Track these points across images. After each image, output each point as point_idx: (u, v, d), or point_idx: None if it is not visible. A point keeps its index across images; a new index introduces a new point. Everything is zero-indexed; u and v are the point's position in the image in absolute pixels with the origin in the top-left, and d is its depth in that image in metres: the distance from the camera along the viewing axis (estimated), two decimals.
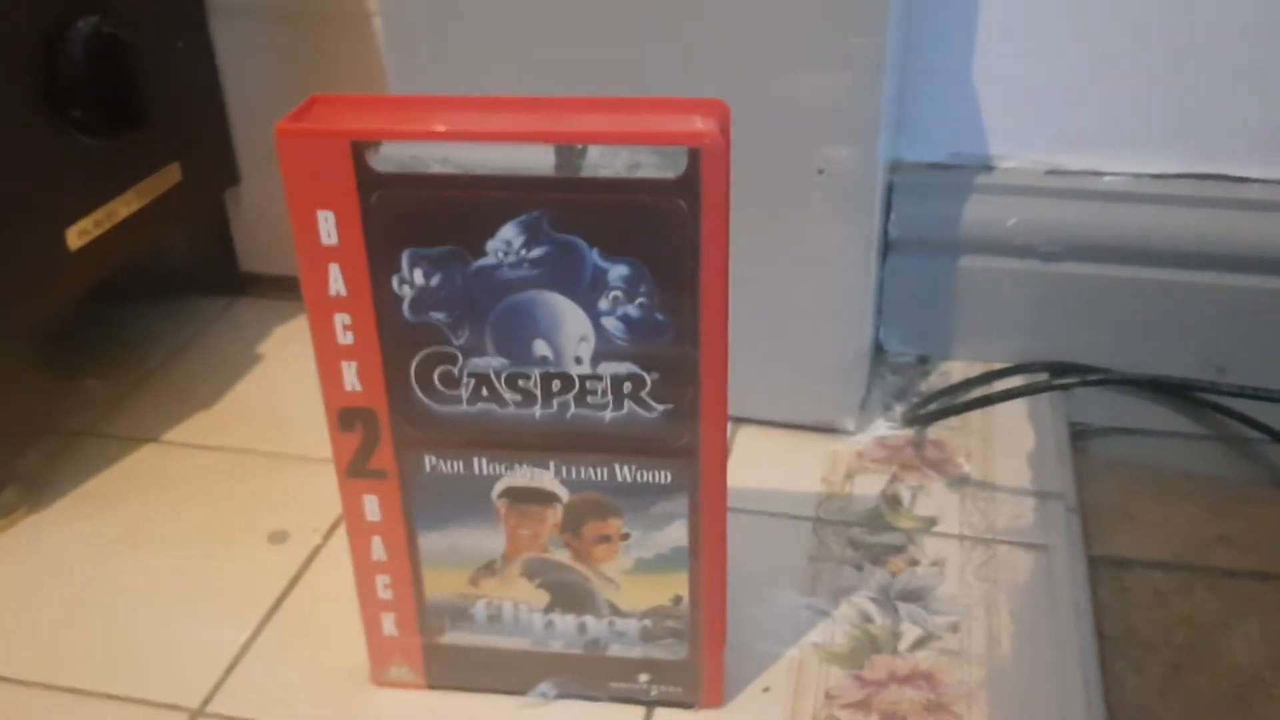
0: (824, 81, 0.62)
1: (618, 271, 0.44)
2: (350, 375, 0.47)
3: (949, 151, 0.78)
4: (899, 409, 0.74)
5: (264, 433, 0.74)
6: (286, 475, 0.70)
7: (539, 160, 0.42)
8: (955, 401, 0.74)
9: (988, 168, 0.77)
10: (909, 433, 0.72)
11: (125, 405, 0.78)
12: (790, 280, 0.68)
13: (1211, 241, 0.73)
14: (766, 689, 0.55)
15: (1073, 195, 0.75)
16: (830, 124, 0.63)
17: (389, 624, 0.53)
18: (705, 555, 0.50)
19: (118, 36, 0.69)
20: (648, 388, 0.46)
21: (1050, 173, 0.76)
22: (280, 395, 0.78)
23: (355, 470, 0.49)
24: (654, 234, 0.43)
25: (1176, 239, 0.74)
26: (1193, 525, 0.72)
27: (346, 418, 0.48)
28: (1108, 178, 0.75)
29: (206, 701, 0.55)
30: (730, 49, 0.62)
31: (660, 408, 0.47)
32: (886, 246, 0.77)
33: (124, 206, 0.74)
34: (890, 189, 0.76)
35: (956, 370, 0.79)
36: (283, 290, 0.90)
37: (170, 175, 0.78)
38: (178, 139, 0.79)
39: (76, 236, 0.70)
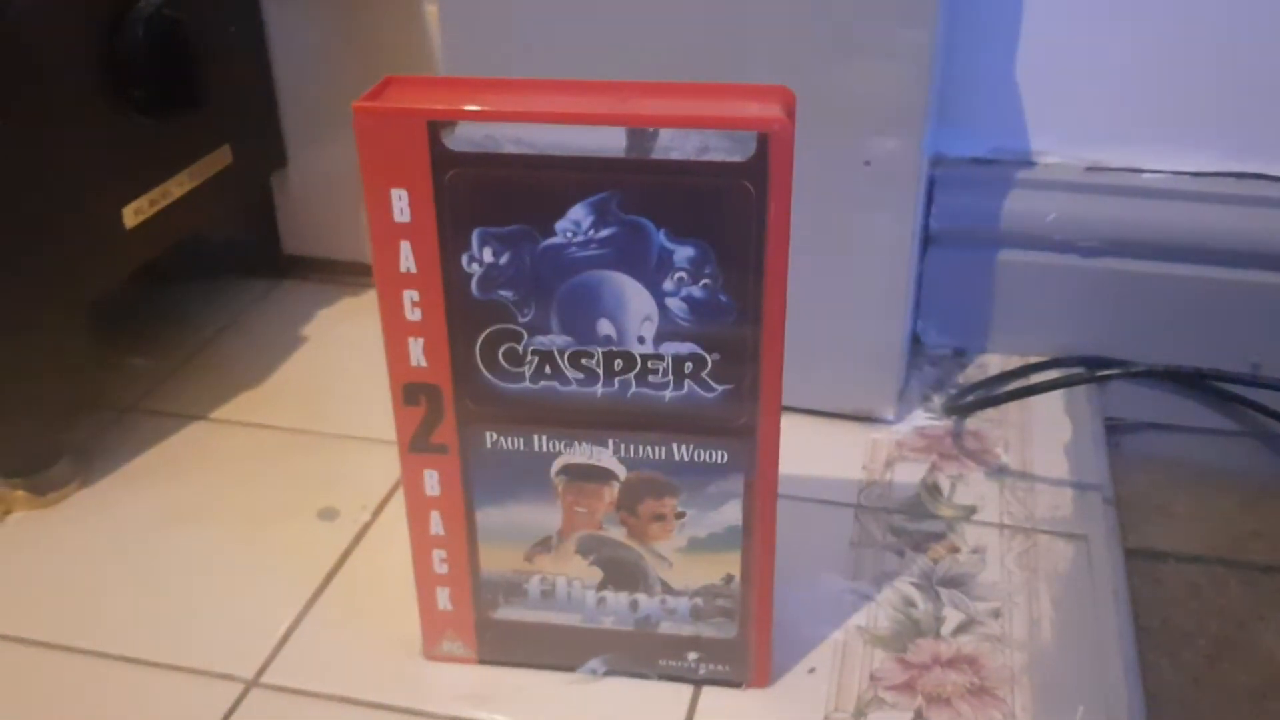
0: (874, 73, 0.62)
1: (684, 253, 0.45)
2: (416, 351, 0.48)
3: (990, 146, 0.78)
4: (937, 400, 0.75)
5: (309, 412, 0.75)
6: (333, 454, 0.71)
7: (610, 142, 0.43)
8: (993, 393, 0.75)
9: (1028, 163, 0.78)
10: (948, 423, 0.73)
11: (172, 383, 0.79)
12: (834, 270, 0.69)
13: (1249, 239, 0.74)
14: (812, 670, 0.55)
15: (1112, 191, 0.76)
16: (879, 116, 0.64)
17: (444, 598, 0.54)
18: (758, 535, 0.50)
19: (177, 19, 0.70)
20: (708, 368, 0.47)
21: (1090, 169, 0.77)
22: (324, 376, 0.79)
23: (417, 445, 0.50)
24: (721, 216, 0.44)
25: (1215, 236, 0.74)
26: (1226, 520, 0.73)
27: (411, 392, 0.49)
28: (1147, 174, 0.76)
29: (260, 672, 0.56)
30: (783, 40, 0.63)
31: (720, 388, 0.47)
32: (927, 239, 0.78)
33: (177, 187, 0.75)
34: (932, 182, 0.77)
35: (993, 363, 0.79)
36: (325, 273, 0.91)
37: (221, 157, 0.79)
38: (229, 121, 0.80)
39: (132, 215, 0.71)
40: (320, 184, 0.88)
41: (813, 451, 0.70)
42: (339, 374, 0.78)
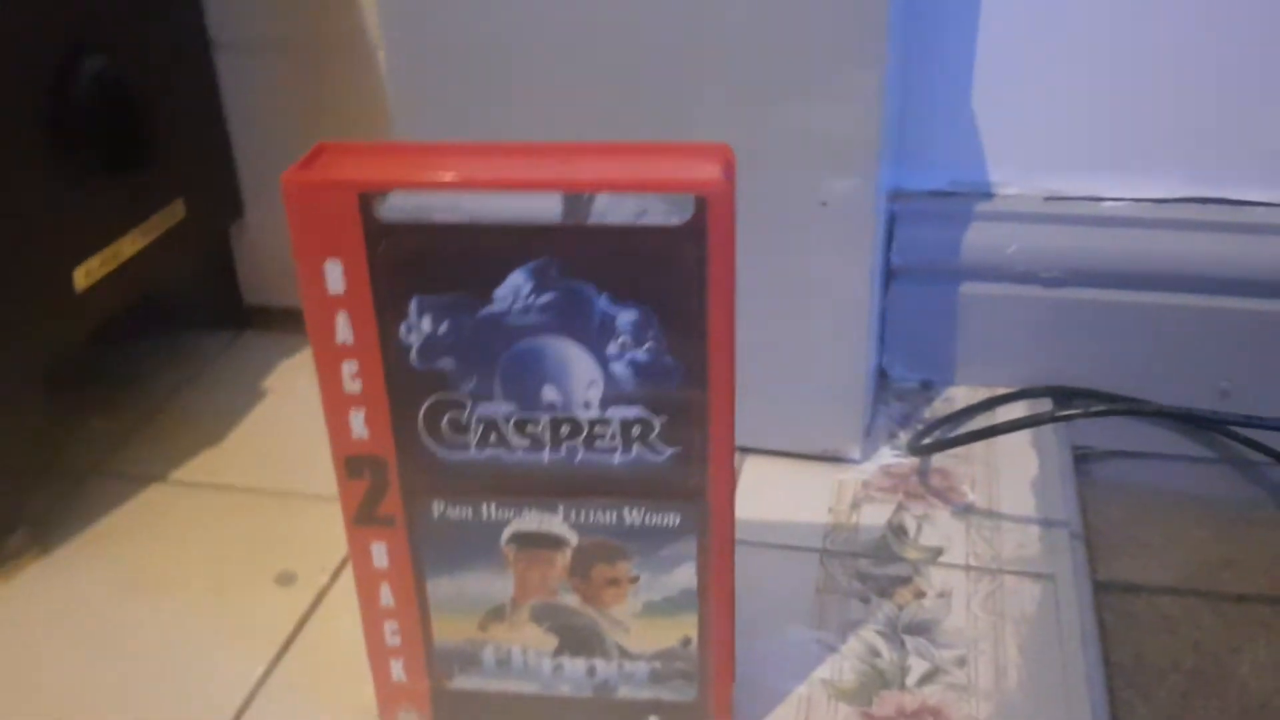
0: (825, 116, 0.62)
1: (626, 317, 0.44)
2: (358, 423, 0.47)
3: (949, 179, 0.78)
4: (904, 436, 0.75)
5: (270, 470, 0.74)
6: (293, 514, 0.70)
7: (546, 208, 0.43)
8: (958, 430, 0.74)
9: (988, 195, 0.78)
10: (914, 461, 0.73)
11: (131, 443, 0.78)
12: (794, 310, 0.68)
13: (1212, 265, 0.74)
14: None
15: (1072, 221, 0.76)
16: (832, 157, 0.63)
17: (397, 669, 0.53)
18: (714, 597, 0.50)
19: (123, 76, 0.69)
20: (656, 431, 0.46)
21: (1050, 199, 0.77)
22: (286, 432, 0.78)
23: (363, 518, 0.49)
24: (662, 279, 0.43)
25: (1177, 263, 0.74)
26: (1199, 549, 0.72)
27: (354, 465, 0.48)
28: (1107, 203, 0.76)
29: None
30: (734, 85, 0.62)
31: (669, 450, 0.47)
32: (889, 274, 0.78)
33: (129, 245, 0.74)
34: (892, 217, 0.77)
35: (960, 395, 0.79)
36: (287, 323, 0.90)
37: (175, 211, 0.78)
38: (182, 175, 0.79)
39: (83, 277, 0.70)
40: (279, 233, 0.87)
41: (779, 495, 0.70)
42: (300, 428, 0.78)
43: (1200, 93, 0.73)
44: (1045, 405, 0.77)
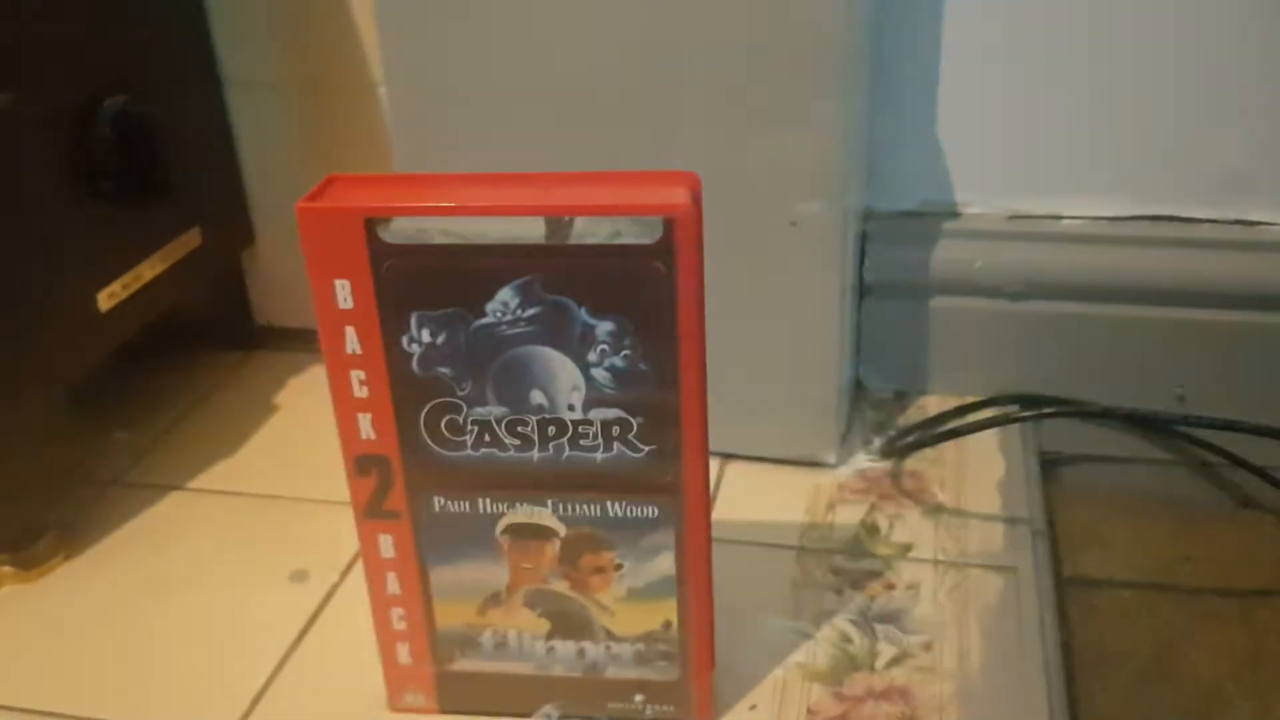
0: (792, 142, 0.67)
1: (604, 327, 0.49)
2: (365, 425, 0.52)
3: (918, 200, 0.83)
4: (878, 442, 0.79)
5: (282, 478, 0.79)
6: (305, 518, 0.75)
7: (531, 230, 0.48)
8: (929, 434, 0.78)
9: (954, 214, 0.82)
10: (887, 465, 0.77)
11: (152, 455, 0.83)
12: (771, 325, 0.73)
13: (1164, 278, 0.78)
14: (753, 707, 0.59)
15: (1034, 238, 0.80)
16: (800, 180, 0.68)
17: (404, 653, 0.57)
18: (691, 583, 0.54)
19: (143, 113, 0.74)
20: (634, 430, 0.51)
21: (1012, 218, 0.81)
22: (297, 443, 0.83)
23: (371, 511, 0.54)
24: (635, 293, 0.48)
25: (1132, 277, 0.79)
26: (1159, 546, 0.76)
27: (363, 464, 0.53)
28: (1066, 221, 0.81)
29: None
30: (704, 114, 0.67)
31: (646, 448, 0.51)
32: (863, 291, 0.82)
33: (149, 269, 0.79)
34: (864, 237, 0.81)
35: (932, 404, 0.83)
36: (296, 343, 0.95)
37: (191, 239, 0.83)
38: (197, 205, 0.84)
39: (106, 299, 0.75)
40: (289, 258, 0.92)
41: (758, 497, 0.74)
42: (309, 440, 0.82)
43: (1152, 118, 0.77)
44: (1008, 413, 0.81)
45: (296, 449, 0.82)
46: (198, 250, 0.84)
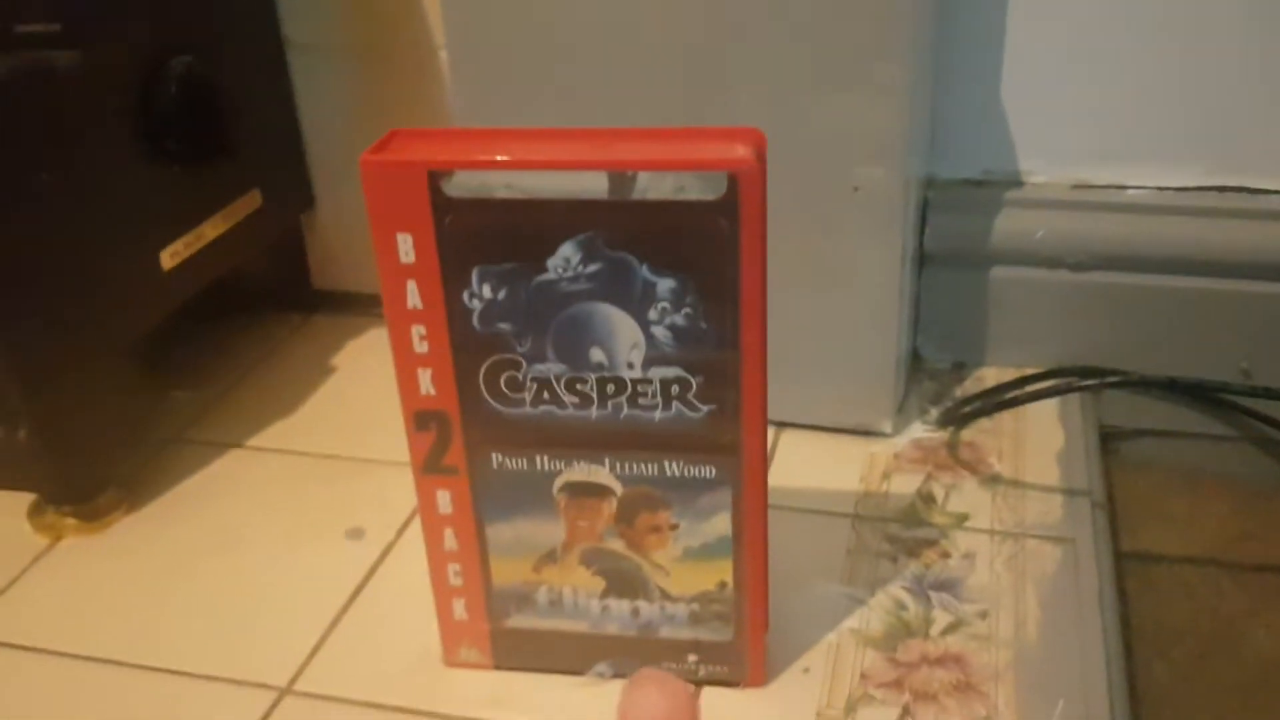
0: (856, 106, 0.66)
1: (665, 285, 0.49)
2: (425, 381, 0.52)
3: (980, 169, 0.82)
4: (935, 412, 0.78)
5: (340, 438, 0.80)
6: (361, 478, 0.76)
7: (594, 185, 0.47)
8: (989, 403, 0.78)
9: (1017, 183, 0.81)
10: (944, 435, 0.77)
11: (212, 414, 0.84)
12: (829, 292, 0.72)
13: (1233, 251, 0.77)
14: (806, 670, 0.59)
15: (1098, 208, 0.79)
16: (863, 146, 0.67)
17: (460, 609, 0.58)
18: (747, 544, 0.54)
19: (207, 75, 0.75)
20: (693, 390, 0.51)
21: (1076, 187, 0.80)
22: (353, 404, 0.84)
23: (430, 467, 0.54)
24: (698, 251, 0.48)
25: (1199, 249, 0.77)
26: (1220, 523, 0.75)
27: (422, 419, 0.53)
28: (1131, 191, 0.79)
29: (293, 680, 0.60)
30: (769, 77, 0.66)
31: (705, 408, 0.51)
32: (923, 259, 0.81)
33: (211, 229, 0.80)
34: (925, 205, 0.80)
35: (990, 376, 0.83)
36: (353, 307, 0.95)
37: (252, 200, 0.84)
38: (259, 166, 0.85)
39: (169, 258, 0.76)
40: (347, 223, 0.93)
41: (814, 465, 0.74)
42: (365, 402, 0.83)
43: (1219, 86, 0.76)
44: (1066, 382, 0.80)
45: (354, 410, 0.83)
46: (258, 212, 0.85)
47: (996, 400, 0.77)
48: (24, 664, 0.63)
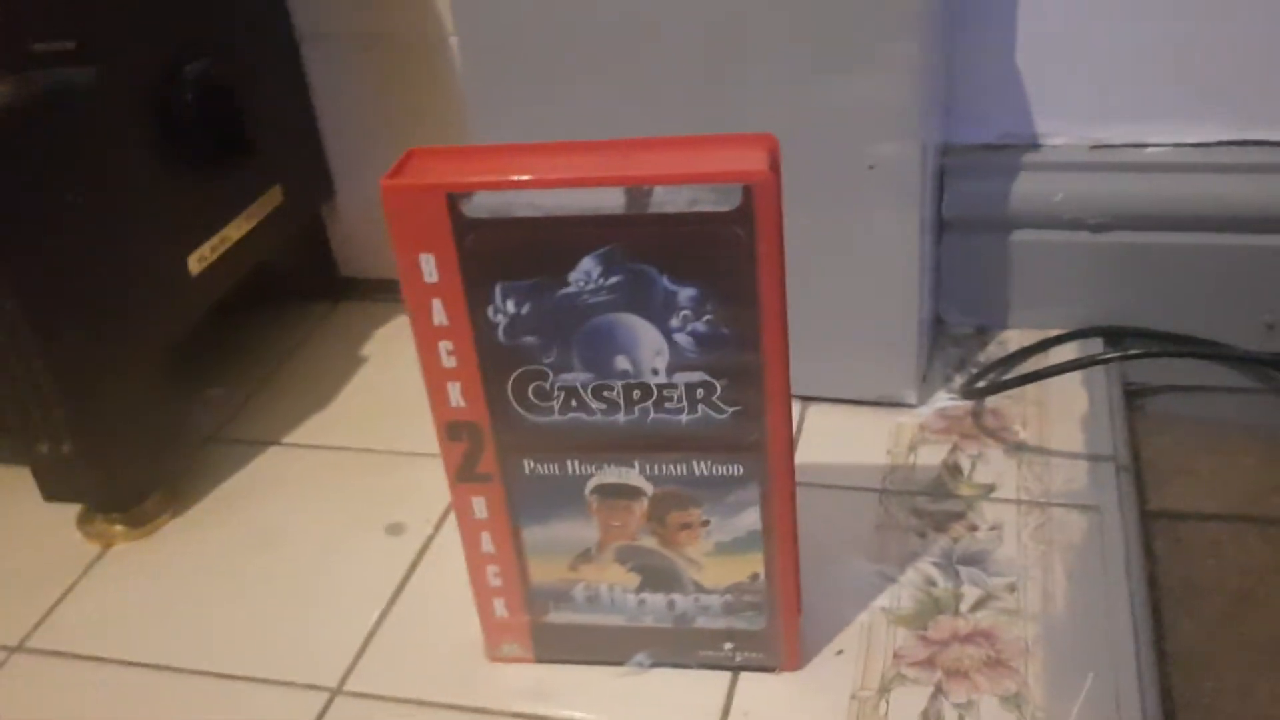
0: (869, 86, 0.66)
1: (686, 293, 0.50)
2: (455, 393, 0.53)
3: (997, 133, 0.81)
4: (959, 380, 0.79)
5: (375, 431, 0.81)
6: (396, 470, 0.77)
7: (611, 201, 0.48)
8: (1012, 373, 0.78)
9: (1035, 146, 0.81)
10: (968, 403, 0.77)
11: (247, 410, 0.85)
12: (849, 267, 0.73)
13: (1255, 205, 0.77)
14: (840, 651, 0.60)
15: (1117, 168, 0.79)
16: (877, 122, 0.68)
17: (500, 607, 0.59)
18: (778, 537, 0.55)
19: (223, 78, 0.75)
20: (718, 393, 0.52)
21: (1095, 147, 0.80)
22: (386, 395, 0.85)
23: (464, 475, 0.55)
24: (715, 259, 0.49)
25: (1219, 205, 0.77)
26: (1247, 477, 0.75)
27: (454, 430, 0.54)
28: (1150, 149, 0.79)
29: (343, 681, 0.62)
30: (782, 60, 0.67)
31: (730, 410, 0.52)
32: (942, 226, 0.81)
33: (235, 230, 0.81)
34: (943, 172, 0.80)
35: (1013, 339, 0.83)
36: (379, 293, 0.97)
37: (273, 197, 0.85)
38: (278, 162, 0.86)
39: (197, 263, 0.77)
40: (368, 209, 0.94)
41: (841, 439, 0.75)
42: (398, 392, 0.84)
43: (1237, 39, 0.75)
44: (1096, 346, 0.80)
45: (386, 400, 0.84)
46: (280, 207, 0.86)
47: (1020, 373, 0.77)
48: (83, 672, 0.65)
